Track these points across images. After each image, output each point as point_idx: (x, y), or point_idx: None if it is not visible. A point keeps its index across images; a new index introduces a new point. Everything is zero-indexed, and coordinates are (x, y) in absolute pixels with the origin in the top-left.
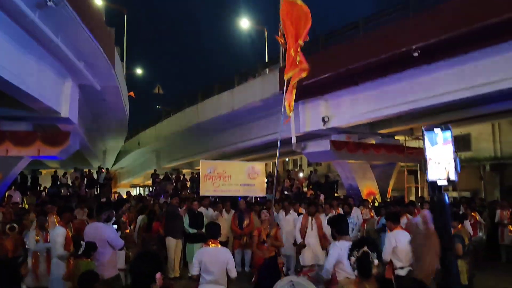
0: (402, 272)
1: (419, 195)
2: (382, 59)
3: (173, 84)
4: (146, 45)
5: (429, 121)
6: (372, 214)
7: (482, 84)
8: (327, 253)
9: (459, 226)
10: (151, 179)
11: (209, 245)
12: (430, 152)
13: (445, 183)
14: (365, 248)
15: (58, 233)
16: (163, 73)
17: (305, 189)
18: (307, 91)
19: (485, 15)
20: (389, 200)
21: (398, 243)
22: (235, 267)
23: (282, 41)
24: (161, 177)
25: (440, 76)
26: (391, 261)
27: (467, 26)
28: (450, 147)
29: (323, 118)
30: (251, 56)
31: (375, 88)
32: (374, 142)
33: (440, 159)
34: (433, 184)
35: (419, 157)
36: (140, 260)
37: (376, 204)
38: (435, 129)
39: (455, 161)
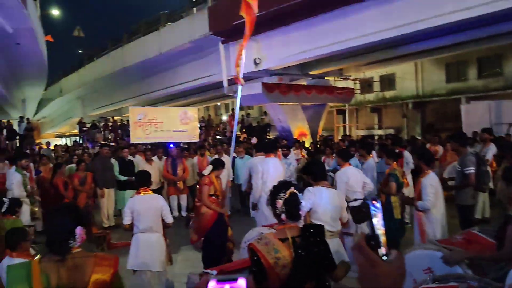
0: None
1: (347, 133)
2: None
3: (94, 26)
4: None
5: (358, 61)
6: (303, 154)
7: (406, 24)
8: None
9: (394, 164)
10: (78, 128)
11: (140, 193)
12: None
13: None
14: (292, 189)
15: None
16: (83, 14)
17: (238, 133)
18: (238, 32)
19: None
20: (318, 140)
21: (350, 178)
22: (172, 212)
23: None
24: (89, 125)
25: (369, 16)
26: None
27: None
28: None
29: (254, 60)
30: None
31: (306, 28)
32: (305, 83)
33: None
34: None
35: (348, 97)
36: (54, 214)
37: (308, 144)
38: None
39: None
